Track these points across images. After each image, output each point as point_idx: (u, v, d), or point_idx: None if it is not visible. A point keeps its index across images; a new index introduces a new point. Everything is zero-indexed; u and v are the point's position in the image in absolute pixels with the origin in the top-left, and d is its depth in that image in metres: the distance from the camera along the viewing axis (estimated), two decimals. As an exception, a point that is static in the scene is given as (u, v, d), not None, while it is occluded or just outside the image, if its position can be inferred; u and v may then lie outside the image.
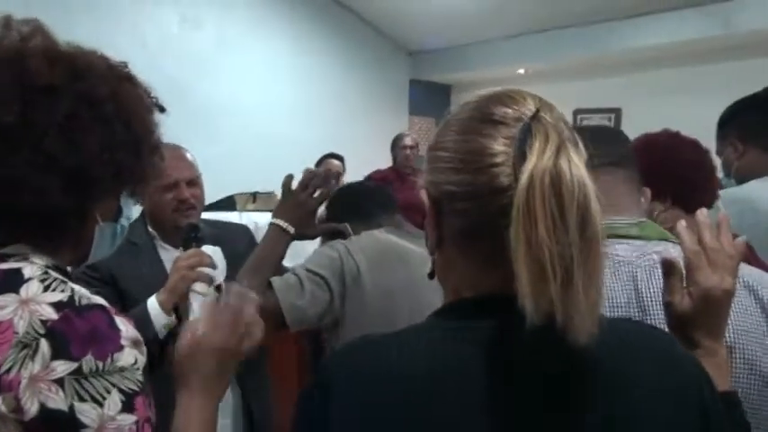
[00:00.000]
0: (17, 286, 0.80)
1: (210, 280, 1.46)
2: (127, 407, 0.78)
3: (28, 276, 0.82)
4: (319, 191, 1.59)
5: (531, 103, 0.72)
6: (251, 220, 3.47)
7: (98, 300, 0.83)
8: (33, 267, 0.84)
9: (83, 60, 0.88)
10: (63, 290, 0.82)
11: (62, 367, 0.75)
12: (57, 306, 0.79)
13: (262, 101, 5.99)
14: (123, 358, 0.80)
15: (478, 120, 0.73)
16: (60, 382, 0.75)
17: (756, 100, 2.07)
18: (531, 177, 0.64)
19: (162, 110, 0.98)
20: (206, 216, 2.03)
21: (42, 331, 0.77)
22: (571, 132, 0.71)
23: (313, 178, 1.58)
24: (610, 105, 6.42)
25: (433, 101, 7.53)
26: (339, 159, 4.90)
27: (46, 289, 0.81)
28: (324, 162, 4.75)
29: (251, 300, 1.03)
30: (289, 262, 1.66)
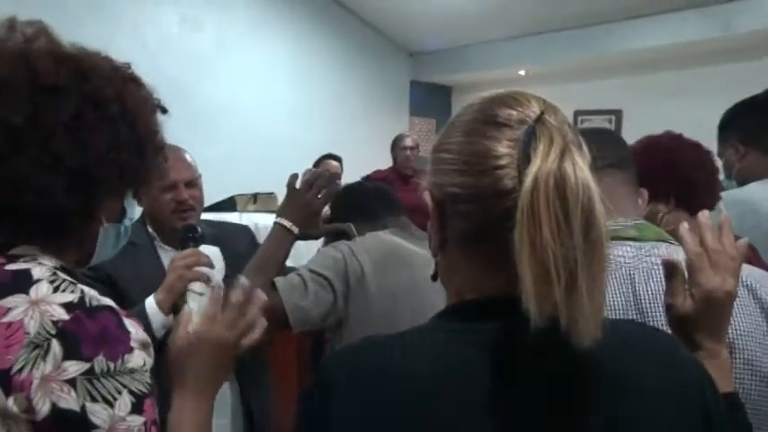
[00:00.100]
0: (27, 287, 0.80)
1: (208, 279, 1.45)
2: (136, 408, 0.79)
3: (37, 277, 0.82)
4: (324, 191, 1.58)
5: (536, 106, 0.72)
6: (251, 221, 3.47)
7: (107, 301, 0.83)
8: (42, 268, 0.84)
9: (87, 62, 0.89)
10: (73, 291, 0.82)
11: (74, 367, 0.76)
12: (67, 307, 0.79)
13: (262, 101, 5.99)
14: (133, 360, 0.80)
15: (482, 122, 0.73)
16: (72, 383, 0.75)
17: (757, 102, 2.08)
18: (536, 180, 0.64)
19: (164, 111, 0.99)
20: (207, 217, 2.03)
21: (53, 332, 0.77)
22: (575, 135, 0.71)
23: (318, 178, 1.58)
24: (610, 107, 6.42)
25: (434, 102, 7.54)
26: (337, 160, 4.90)
27: (56, 290, 0.81)
28: (322, 163, 4.74)
29: (258, 298, 1.03)
30: (289, 263, 1.66)
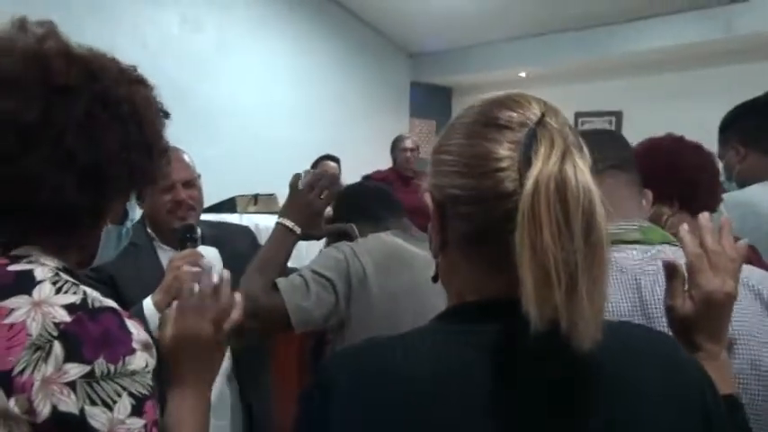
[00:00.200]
0: (29, 288, 0.80)
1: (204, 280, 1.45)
2: (136, 411, 0.79)
3: (40, 278, 0.82)
4: (326, 192, 1.58)
5: (537, 108, 0.72)
6: (252, 222, 3.47)
7: (109, 302, 0.83)
8: (45, 269, 0.84)
9: (97, 62, 0.89)
10: (75, 292, 0.82)
11: (75, 370, 0.76)
12: (69, 308, 0.79)
13: (262, 102, 6.00)
14: (135, 362, 0.80)
15: (483, 124, 0.73)
16: (72, 386, 0.75)
17: (757, 104, 2.08)
18: (537, 183, 0.64)
19: (166, 115, 0.99)
20: (207, 218, 2.03)
21: (55, 333, 0.76)
22: (576, 137, 0.71)
23: (320, 179, 1.58)
24: (611, 108, 6.43)
25: (434, 103, 7.55)
26: (335, 161, 4.90)
27: (58, 291, 0.81)
28: (320, 164, 4.73)
29: (225, 283, 1.03)
30: (290, 264, 1.66)
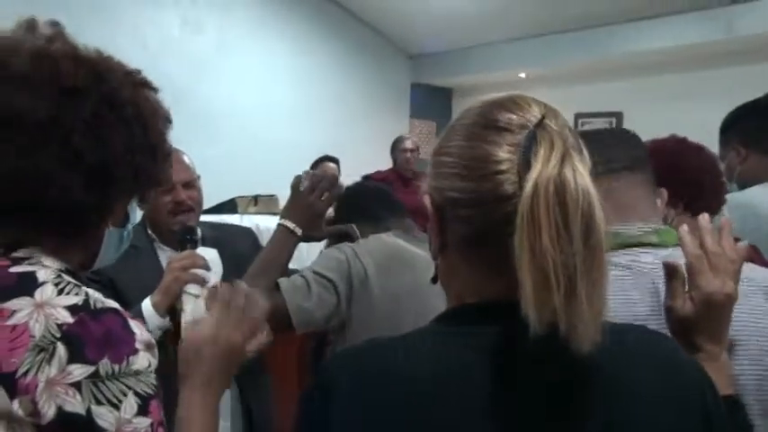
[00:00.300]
0: (31, 290, 0.80)
1: (203, 281, 1.46)
2: (142, 410, 0.78)
3: (42, 280, 0.82)
4: (327, 193, 1.58)
5: (536, 110, 0.72)
6: (252, 223, 3.46)
7: (111, 303, 0.83)
8: (47, 271, 0.84)
9: (103, 64, 0.90)
10: (77, 293, 0.81)
11: (79, 371, 0.75)
12: (72, 309, 0.79)
13: (262, 103, 6.00)
14: (138, 361, 0.80)
15: (483, 126, 0.73)
16: (77, 386, 0.75)
17: (758, 105, 2.07)
18: (536, 186, 0.64)
19: (169, 120, 0.99)
20: (208, 219, 2.03)
21: (58, 335, 0.76)
22: (576, 139, 0.71)
23: (321, 180, 1.58)
24: (611, 109, 6.43)
25: (434, 104, 7.55)
26: (335, 162, 4.90)
27: (60, 292, 0.81)
28: (320, 165, 4.73)
29: (259, 304, 1.03)
30: (291, 265, 1.66)
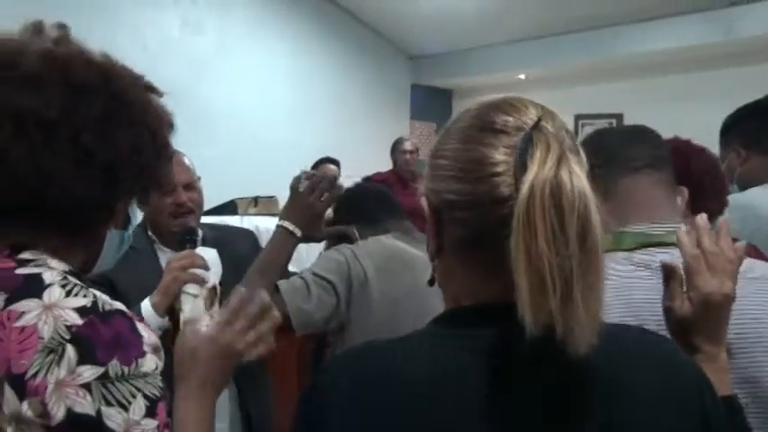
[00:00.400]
0: (39, 291, 0.80)
1: (202, 281, 1.46)
2: (150, 412, 0.78)
3: (49, 282, 0.81)
4: (327, 194, 1.58)
5: (533, 112, 0.72)
6: (252, 224, 3.46)
7: (119, 305, 0.83)
8: (53, 273, 0.83)
9: (111, 66, 0.91)
10: (85, 295, 0.81)
11: (89, 372, 0.75)
12: (81, 311, 0.79)
13: (261, 104, 6.01)
14: (146, 364, 0.80)
15: (479, 128, 0.73)
16: (87, 387, 0.75)
17: (759, 106, 2.07)
18: (532, 188, 0.63)
19: (173, 126, 1.00)
20: (208, 220, 2.03)
21: (68, 336, 0.76)
22: (573, 141, 0.71)
23: (321, 181, 1.58)
24: (611, 111, 6.43)
25: (434, 105, 7.55)
26: (335, 164, 4.91)
27: (68, 294, 0.81)
28: (320, 167, 4.75)
29: (273, 315, 1.01)
30: (291, 267, 1.66)
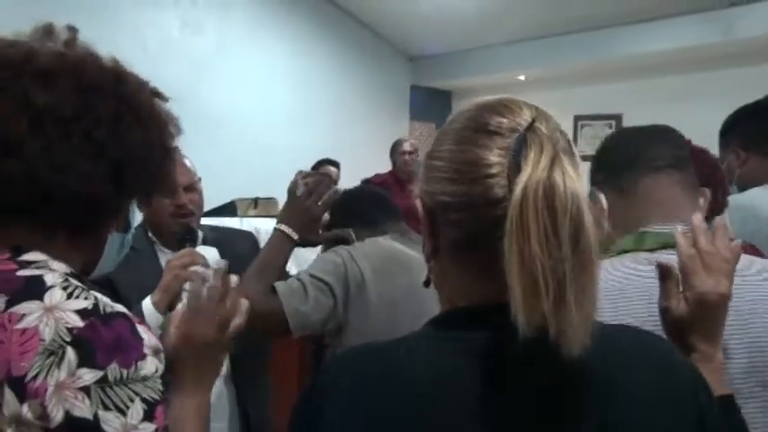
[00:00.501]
0: (40, 293, 0.80)
1: (203, 279, 1.46)
2: (148, 416, 0.78)
3: (50, 284, 0.82)
4: (324, 197, 1.58)
5: (527, 113, 0.72)
6: (252, 226, 3.47)
7: (120, 307, 0.83)
8: (54, 275, 0.84)
9: (120, 70, 0.93)
10: (86, 297, 0.82)
11: (88, 375, 0.75)
12: (82, 314, 0.79)
13: (261, 105, 6.00)
14: (146, 367, 0.80)
15: (473, 130, 0.73)
16: (86, 390, 0.75)
17: (759, 107, 2.07)
18: (525, 189, 0.64)
19: (179, 131, 1.01)
20: (207, 221, 2.03)
21: (68, 339, 0.76)
22: (567, 142, 0.71)
23: (319, 185, 1.58)
24: (611, 112, 6.44)
25: (434, 106, 7.54)
26: (335, 166, 4.91)
27: (69, 296, 0.81)
28: (320, 168, 4.75)
29: (234, 286, 1.04)
30: (293, 268, 1.67)
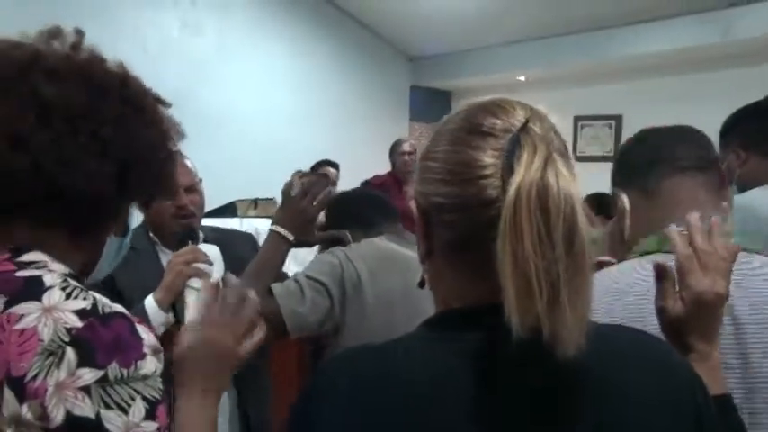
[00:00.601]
0: (39, 294, 0.80)
1: (206, 276, 1.46)
2: (150, 414, 0.79)
3: (49, 284, 0.82)
4: (319, 198, 1.59)
5: (521, 114, 0.72)
6: (252, 226, 3.48)
7: (118, 307, 0.83)
8: (53, 275, 0.84)
9: (125, 73, 0.94)
10: (85, 297, 0.82)
11: (88, 375, 0.75)
12: (81, 314, 0.79)
13: (261, 106, 5.99)
14: (146, 366, 0.80)
15: (467, 131, 0.73)
16: (87, 390, 0.75)
17: (759, 108, 2.07)
18: (518, 191, 0.63)
19: (182, 135, 1.02)
20: (207, 222, 2.03)
21: (67, 339, 0.76)
22: (562, 143, 0.71)
23: (313, 186, 1.58)
24: (610, 112, 6.44)
25: (434, 107, 7.52)
26: (334, 167, 4.90)
27: (68, 296, 0.81)
28: (318, 170, 4.75)
29: (251, 301, 1.04)
30: (295, 268, 1.67)
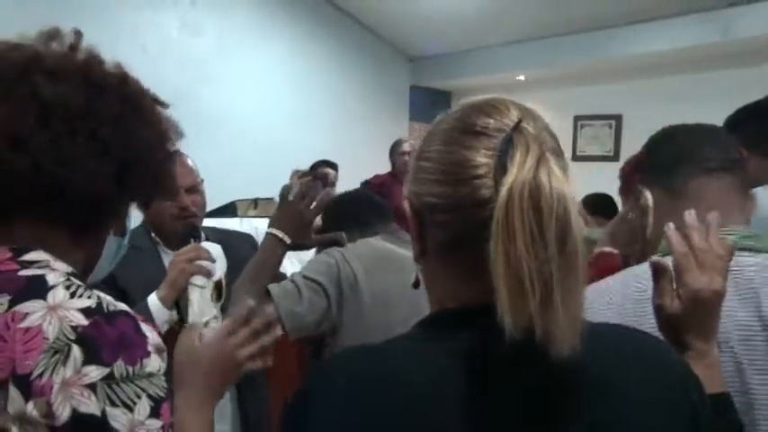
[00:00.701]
0: (43, 293, 0.81)
1: (209, 273, 1.47)
2: (154, 412, 0.79)
3: (52, 283, 0.82)
4: (317, 201, 1.59)
5: (514, 113, 0.72)
6: (252, 226, 3.48)
7: (122, 306, 0.84)
8: (56, 274, 0.84)
9: (124, 74, 0.95)
10: (89, 296, 0.82)
11: (95, 372, 0.76)
12: (86, 312, 0.80)
13: (261, 106, 5.99)
14: (151, 364, 0.81)
15: (461, 130, 0.73)
16: (93, 387, 0.76)
17: (759, 108, 2.07)
18: (511, 190, 0.63)
19: (181, 135, 1.03)
20: (207, 222, 2.04)
21: (73, 337, 0.77)
22: (555, 142, 0.71)
23: (311, 188, 1.59)
24: (610, 112, 6.44)
25: (434, 107, 7.50)
26: (332, 167, 4.90)
27: (72, 295, 0.81)
28: (317, 170, 4.74)
29: (275, 330, 1.07)
30: (296, 268, 1.67)
